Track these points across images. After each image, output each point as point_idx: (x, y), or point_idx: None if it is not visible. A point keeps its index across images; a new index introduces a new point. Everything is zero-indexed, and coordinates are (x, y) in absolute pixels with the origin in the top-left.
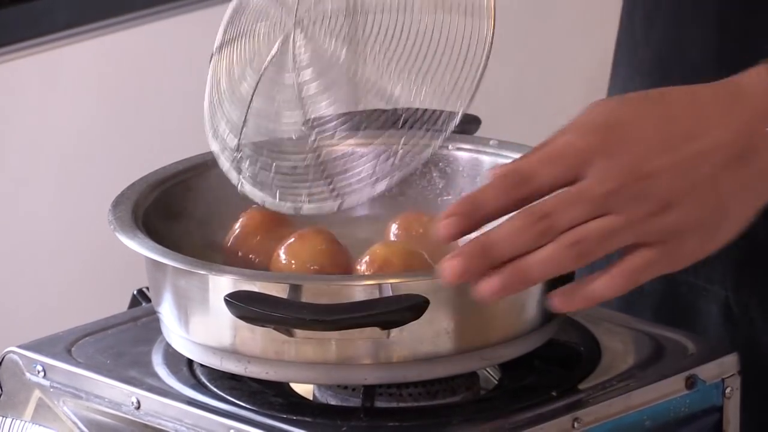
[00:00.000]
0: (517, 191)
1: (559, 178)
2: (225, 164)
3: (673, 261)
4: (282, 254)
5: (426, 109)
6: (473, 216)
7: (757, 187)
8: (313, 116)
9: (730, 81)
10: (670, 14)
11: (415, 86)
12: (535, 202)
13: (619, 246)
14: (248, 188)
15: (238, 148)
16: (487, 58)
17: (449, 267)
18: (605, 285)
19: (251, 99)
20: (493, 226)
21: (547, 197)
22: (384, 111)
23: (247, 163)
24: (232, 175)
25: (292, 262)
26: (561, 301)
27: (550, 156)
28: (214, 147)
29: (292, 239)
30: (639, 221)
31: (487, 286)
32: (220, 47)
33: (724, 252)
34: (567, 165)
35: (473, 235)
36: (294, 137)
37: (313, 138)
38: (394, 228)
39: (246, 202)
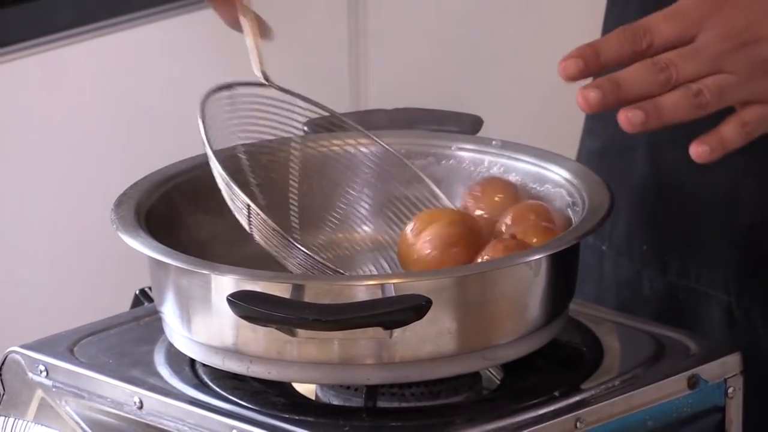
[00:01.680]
0: (636, 42)
1: (677, 35)
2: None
3: None
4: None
5: None
6: (593, 60)
7: None
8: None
9: None
10: None
11: None
12: (656, 56)
13: (733, 102)
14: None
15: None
16: None
17: (585, 94)
18: (734, 131)
19: None
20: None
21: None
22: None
23: None
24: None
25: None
26: (703, 151)
27: (669, 15)
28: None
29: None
30: (751, 81)
31: (634, 116)
32: None
33: (727, 257)
34: (685, 23)
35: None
36: None
37: None
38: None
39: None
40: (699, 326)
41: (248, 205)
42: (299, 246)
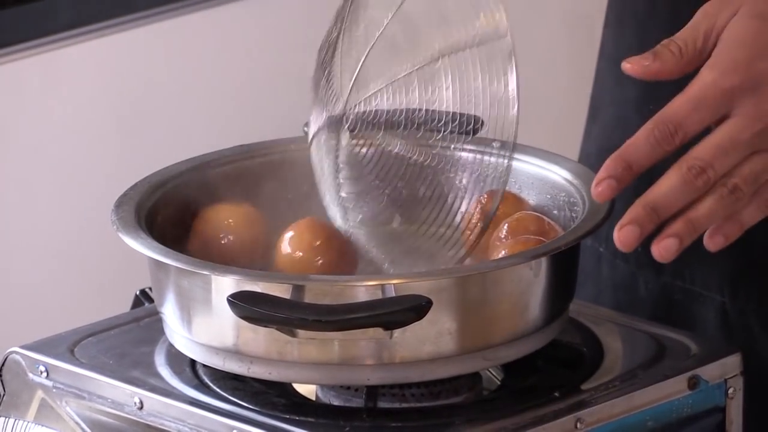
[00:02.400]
0: (668, 144)
1: (708, 122)
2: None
3: None
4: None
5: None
6: (626, 176)
7: None
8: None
9: None
10: (667, 20)
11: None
12: (689, 154)
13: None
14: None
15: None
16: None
17: (624, 235)
18: (754, 216)
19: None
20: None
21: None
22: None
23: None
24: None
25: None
26: (718, 240)
27: (696, 101)
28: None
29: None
30: None
31: (666, 247)
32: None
33: (721, 258)
34: (714, 108)
35: None
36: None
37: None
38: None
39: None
40: (695, 327)
41: None
42: None
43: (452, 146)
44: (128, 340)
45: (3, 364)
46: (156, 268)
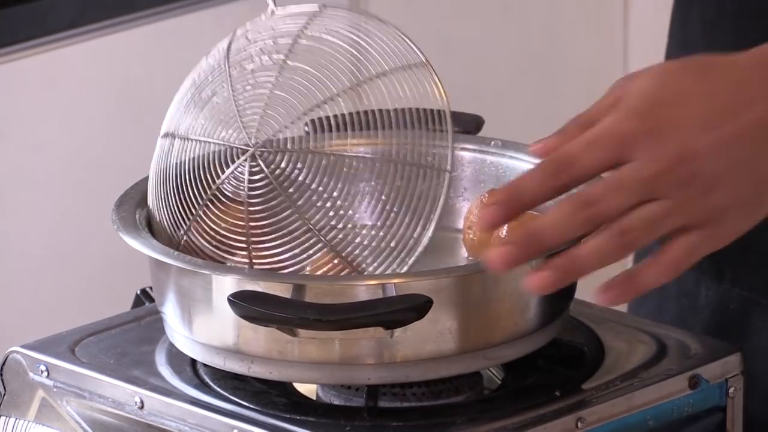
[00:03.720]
0: (559, 178)
1: (603, 162)
2: None
3: (716, 240)
4: None
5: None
6: (514, 205)
7: None
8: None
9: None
10: (732, 22)
11: None
12: (580, 188)
13: (666, 231)
14: None
15: None
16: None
17: (498, 255)
18: (656, 274)
19: None
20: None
21: (592, 182)
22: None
23: None
24: None
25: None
26: (610, 297)
27: (594, 140)
28: None
29: None
30: (686, 205)
31: (541, 279)
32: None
33: None
34: (611, 150)
35: None
36: None
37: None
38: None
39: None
40: (751, 337)
41: None
42: None
43: (452, 146)
44: (129, 339)
45: (3, 364)
46: (157, 268)
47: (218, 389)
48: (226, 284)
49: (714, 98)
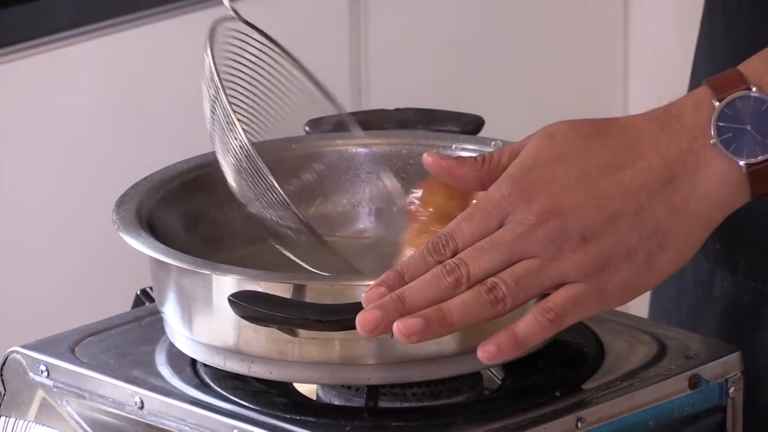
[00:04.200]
0: (440, 254)
1: (478, 232)
2: None
3: (605, 295)
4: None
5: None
6: (397, 283)
7: (699, 209)
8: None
9: (664, 106)
10: (751, 15)
11: None
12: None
13: (542, 288)
14: None
15: None
16: None
17: (364, 320)
18: (528, 328)
19: None
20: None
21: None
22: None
23: None
24: None
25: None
26: (489, 350)
27: (467, 214)
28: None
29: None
30: (556, 260)
31: (407, 326)
32: None
33: None
34: (484, 218)
35: None
36: None
37: None
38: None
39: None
40: (764, 329)
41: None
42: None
43: (453, 146)
44: (129, 339)
45: (4, 364)
46: (157, 268)
47: (218, 389)
48: (226, 284)
49: (592, 157)
